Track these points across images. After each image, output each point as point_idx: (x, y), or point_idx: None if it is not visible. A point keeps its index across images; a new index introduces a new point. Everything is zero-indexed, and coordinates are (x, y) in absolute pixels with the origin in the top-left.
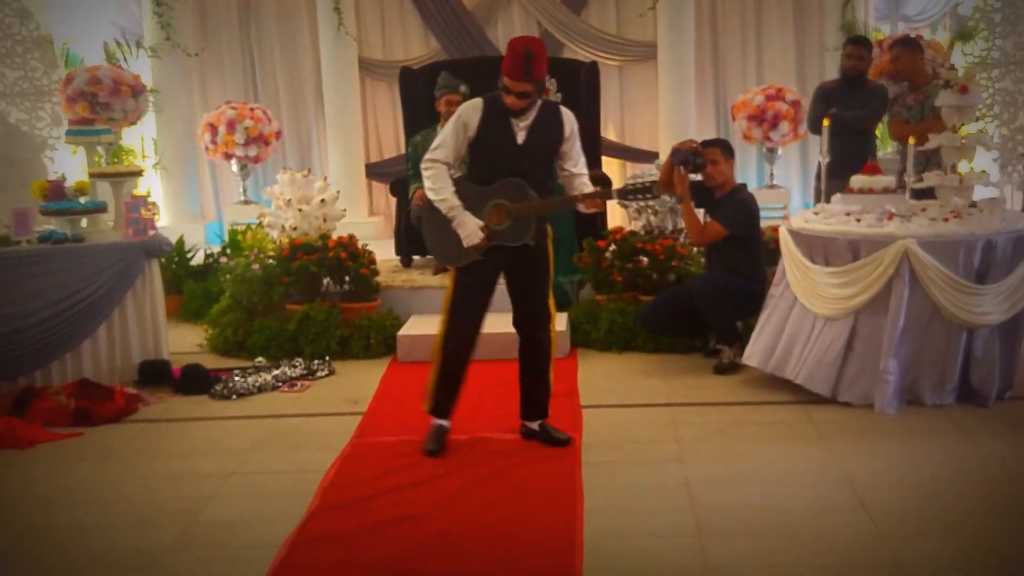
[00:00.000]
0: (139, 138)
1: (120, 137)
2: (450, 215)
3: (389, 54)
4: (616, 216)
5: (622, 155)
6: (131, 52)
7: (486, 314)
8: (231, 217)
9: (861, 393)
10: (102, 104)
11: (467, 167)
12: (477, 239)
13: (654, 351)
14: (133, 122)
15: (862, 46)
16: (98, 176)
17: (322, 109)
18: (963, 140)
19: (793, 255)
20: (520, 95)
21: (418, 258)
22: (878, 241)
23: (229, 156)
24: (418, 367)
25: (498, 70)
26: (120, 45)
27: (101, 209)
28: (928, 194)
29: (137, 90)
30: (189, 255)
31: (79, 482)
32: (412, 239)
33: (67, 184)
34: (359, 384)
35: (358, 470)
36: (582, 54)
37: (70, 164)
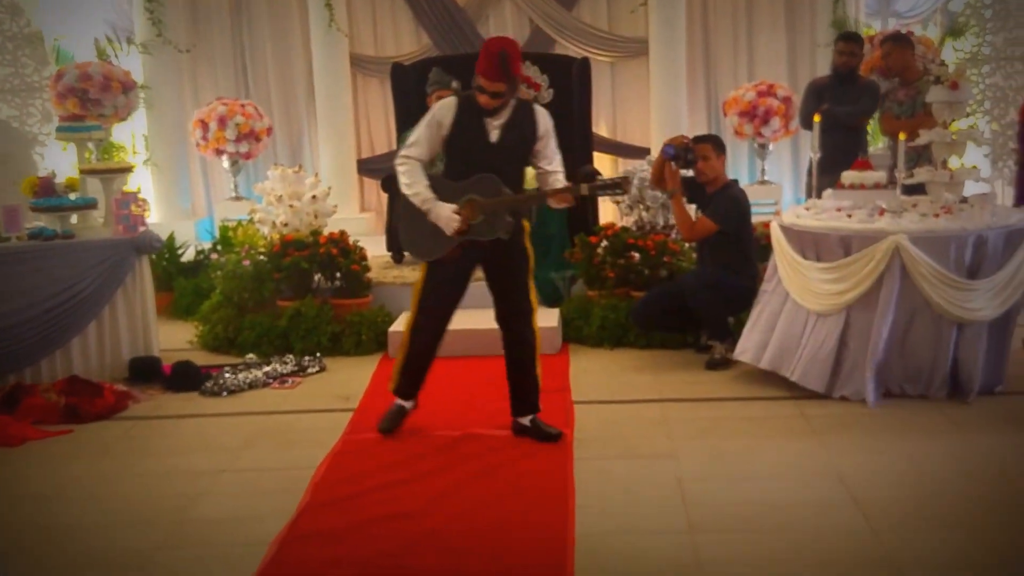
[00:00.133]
0: (130, 134)
1: (110, 133)
2: (424, 207)
3: (380, 50)
4: (608, 212)
5: (614, 151)
6: (122, 48)
7: (455, 309)
8: (222, 213)
9: (856, 389)
10: (93, 100)
11: (443, 165)
12: (456, 223)
13: (646, 347)
14: (124, 118)
15: (853, 42)
16: (88, 172)
17: (313, 105)
18: (954, 136)
19: (784, 251)
20: (494, 95)
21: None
22: (869, 237)
23: (220, 152)
24: None
25: None
26: (111, 41)
27: (91, 206)
28: (919, 190)
29: (128, 86)
30: (180, 251)
31: (70, 480)
32: None
33: (57, 180)
34: (350, 380)
35: (349, 467)
36: (573, 50)
37: (60, 160)
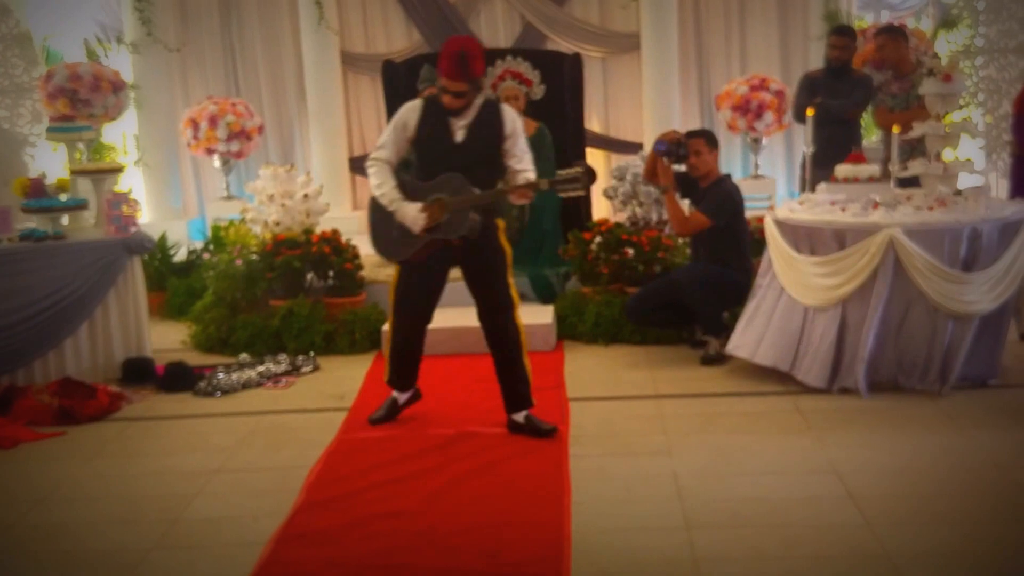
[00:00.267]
0: (120, 134)
1: (101, 134)
2: (391, 207)
3: (371, 47)
4: (601, 208)
5: (606, 146)
6: (111, 48)
7: (433, 308)
8: (214, 213)
9: (855, 381)
10: (83, 101)
11: (414, 166)
12: (421, 221)
13: (640, 343)
14: (114, 118)
15: (846, 36)
16: (79, 173)
17: (304, 103)
18: (947, 128)
19: (778, 245)
20: (456, 94)
21: None
22: (863, 230)
23: (211, 152)
24: None
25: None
26: (100, 41)
27: (82, 206)
28: (913, 182)
29: (118, 86)
30: (172, 252)
31: (63, 481)
32: None
33: (48, 181)
34: (344, 379)
35: (344, 466)
36: (565, 46)
37: (51, 161)
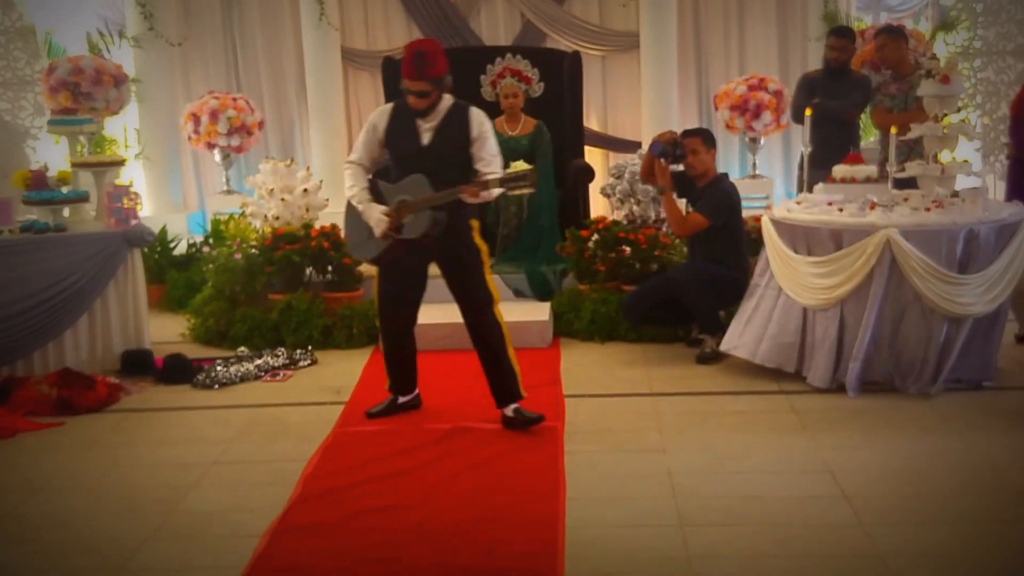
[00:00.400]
0: (122, 128)
1: (102, 127)
2: (360, 208)
3: (372, 44)
4: (599, 206)
5: (604, 145)
6: (113, 42)
7: (414, 307)
8: (214, 207)
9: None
10: (84, 94)
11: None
12: (384, 225)
13: (636, 341)
14: (115, 112)
15: (845, 37)
16: (80, 166)
17: (305, 99)
18: (945, 130)
19: (776, 245)
20: (418, 94)
21: None
22: (860, 231)
23: (212, 146)
24: None
25: (481, 60)
26: (102, 35)
27: (83, 199)
28: (910, 184)
29: (119, 80)
30: (172, 245)
31: (61, 471)
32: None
33: (49, 174)
34: (341, 374)
35: (340, 459)
36: (564, 44)
37: (52, 154)
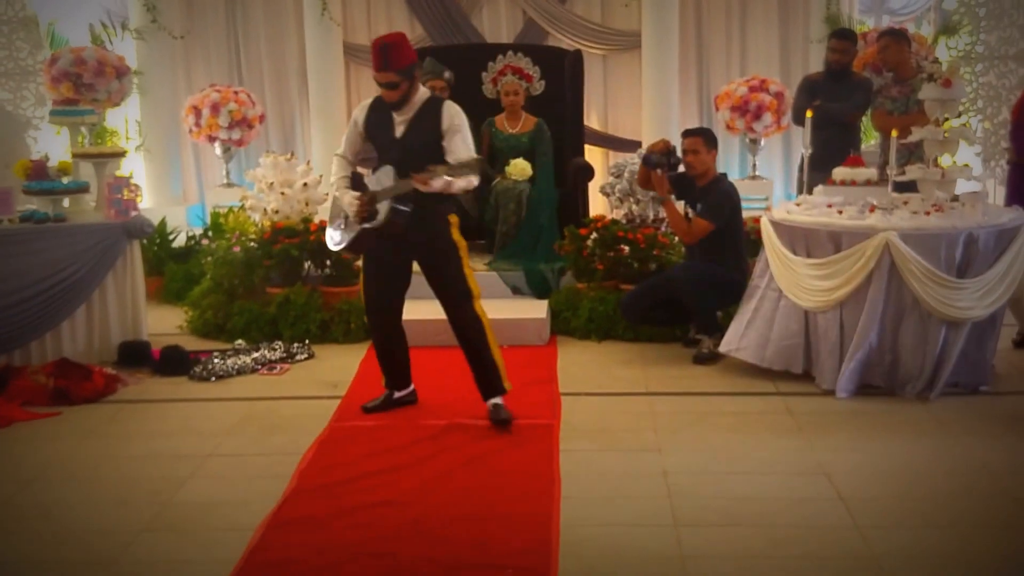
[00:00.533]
0: (123, 120)
1: (104, 118)
2: (336, 193)
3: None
4: (598, 204)
5: (605, 144)
6: (116, 34)
7: (396, 302)
8: (213, 200)
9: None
10: (86, 85)
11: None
12: (355, 205)
13: (634, 340)
14: (117, 103)
15: (847, 40)
16: (81, 156)
17: (306, 93)
18: (946, 134)
19: (775, 247)
20: (387, 86)
21: None
22: (859, 233)
23: (212, 139)
24: None
25: (482, 58)
26: (105, 27)
27: (83, 189)
28: (910, 187)
29: (121, 71)
30: (171, 237)
31: (56, 461)
32: None
33: (50, 164)
34: (338, 368)
35: (335, 454)
36: (566, 43)
37: (53, 144)
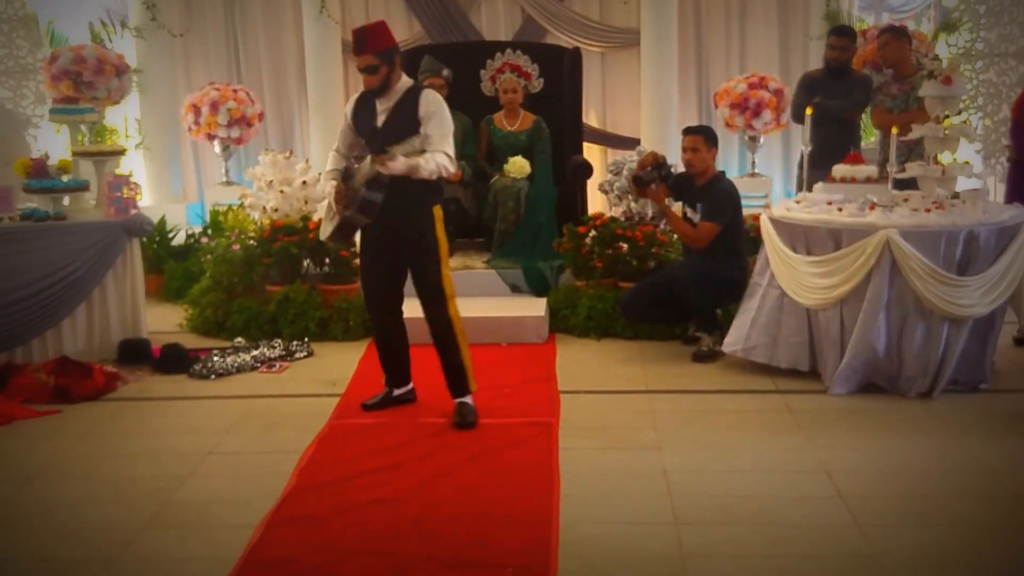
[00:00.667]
0: (123, 118)
1: (103, 116)
2: (323, 180)
3: None
4: (596, 202)
5: (604, 141)
6: (116, 32)
7: (390, 297)
8: (213, 198)
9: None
10: (86, 83)
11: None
12: (333, 195)
13: (633, 338)
14: (116, 101)
15: (846, 37)
16: (81, 155)
17: (305, 91)
18: (946, 131)
19: (775, 244)
20: (367, 70)
21: None
22: (860, 231)
23: (212, 137)
24: None
25: (480, 55)
26: (105, 25)
27: (83, 188)
28: (910, 184)
29: (121, 70)
30: (170, 235)
31: (56, 459)
32: None
33: (50, 162)
34: (337, 366)
35: (335, 452)
36: (565, 40)
37: (53, 142)
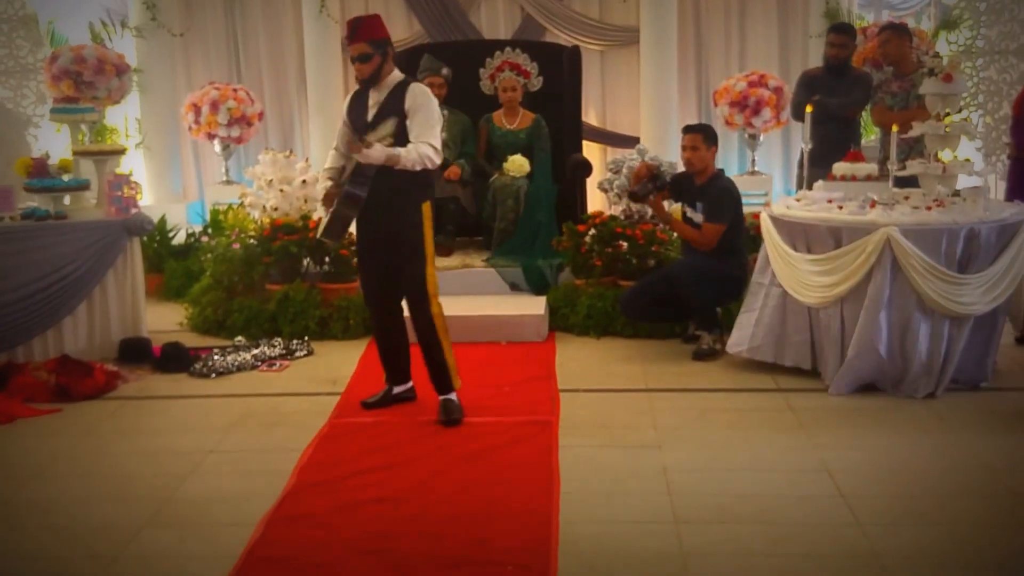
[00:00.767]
0: (123, 117)
1: (104, 116)
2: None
3: None
4: (596, 200)
5: (603, 140)
6: (116, 32)
7: (384, 295)
8: (213, 197)
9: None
10: (87, 83)
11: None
12: (324, 192)
13: (633, 336)
14: (117, 101)
15: (845, 34)
16: (81, 154)
17: (305, 91)
18: (947, 129)
19: (775, 242)
20: (360, 59)
21: None
22: (860, 229)
23: (212, 136)
24: None
25: (480, 54)
26: (105, 25)
27: (84, 187)
28: (911, 182)
29: (121, 69)
30: (171, 234)
31: (57, 457)
32: None
33: (51, 162)
34: (337, 364)
35: (335, 450)
36: (564, 38)
37: (54, 142)
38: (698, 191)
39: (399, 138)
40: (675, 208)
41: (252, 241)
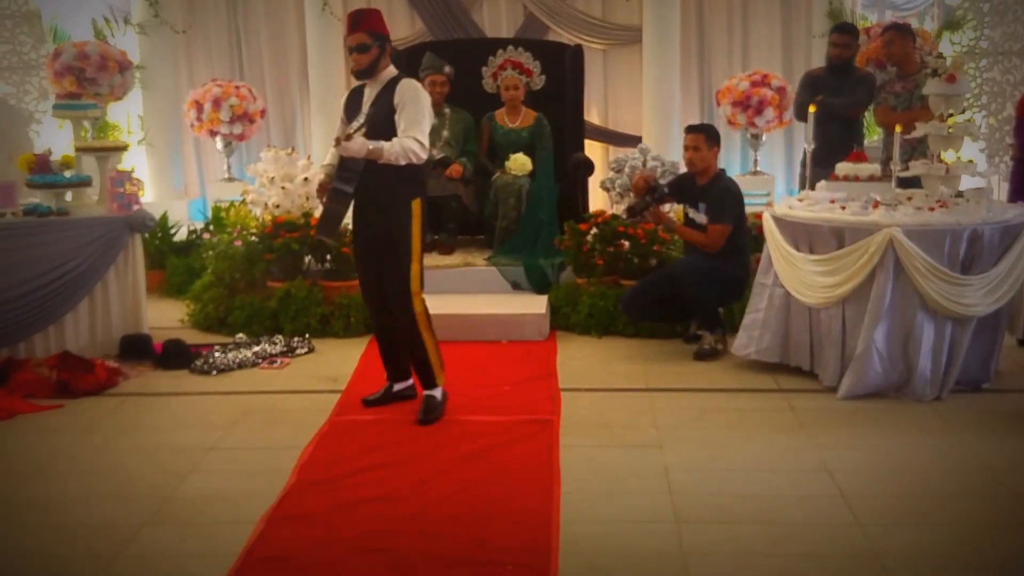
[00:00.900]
0: (125, 114)
1: (106, 112)
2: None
3: None
4: (598, 199)
5: (605, 139)
6: (118, 28)
7: (381, 288)
8: (215, 194)
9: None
10: (89, 79)
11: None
12: (318, 184)
13: (634, 336)
14: (119, 98)
15: (848, 34)
16: (84, 150)
17: (307, 88)
18: (950, 129)
19: (777, 242)
20: (358, 49)
21: None
22: (863, 229)
23: (214, 133)
24: None
25: (482, 53)
26: (108, 22)
27: (86, 183)
28: (914, 183)
29: (124, 66)
30: (172, 231)
31: (58, 454)
32: None
33: (53, 158)
34: (338, 362)
35: (335, 448)
36: (567, 37)
37: (56, 138)
38: (700, 191)
39: (390, 131)
40: (676, 209)
41: (254, 238)
